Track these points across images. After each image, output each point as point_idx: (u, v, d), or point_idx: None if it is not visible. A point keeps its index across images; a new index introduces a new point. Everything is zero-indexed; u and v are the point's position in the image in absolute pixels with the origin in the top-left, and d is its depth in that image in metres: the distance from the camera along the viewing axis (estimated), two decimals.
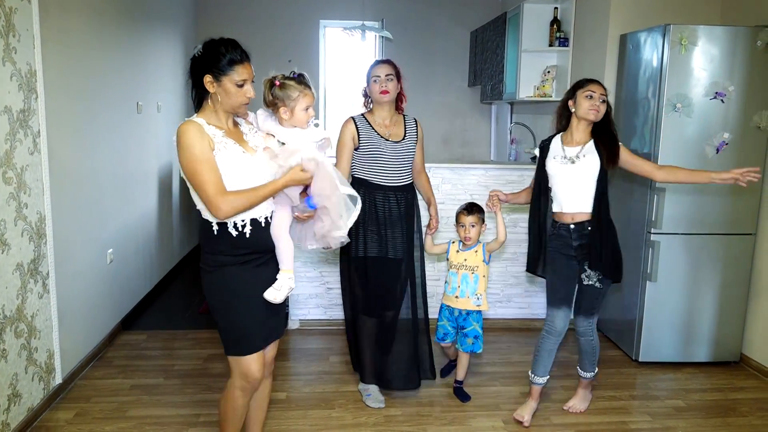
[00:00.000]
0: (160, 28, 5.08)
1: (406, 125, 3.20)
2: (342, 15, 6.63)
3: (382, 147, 3.07)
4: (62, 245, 3.19)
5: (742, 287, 3.73)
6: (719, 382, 3.59)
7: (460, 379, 3.34)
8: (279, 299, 2.25)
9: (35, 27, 2.91)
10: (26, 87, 2.84)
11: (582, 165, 2.90)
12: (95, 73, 3.69)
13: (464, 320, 3.25)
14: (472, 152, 7.01)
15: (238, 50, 2.11)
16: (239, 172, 2.12)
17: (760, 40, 3.48)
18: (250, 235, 2.18)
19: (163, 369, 3.58)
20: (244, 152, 2.15)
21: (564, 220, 2.97)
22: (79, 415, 3.03)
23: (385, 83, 3.06)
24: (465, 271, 3.22)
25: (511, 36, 5.25)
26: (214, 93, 2.13)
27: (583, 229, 2.93)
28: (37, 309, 2.96)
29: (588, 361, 3.15)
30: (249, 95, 2.14)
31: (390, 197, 3.10)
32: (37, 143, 2.95)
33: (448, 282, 3.28)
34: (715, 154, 3.57)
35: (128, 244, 4.25)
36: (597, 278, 2.97)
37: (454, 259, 3.25)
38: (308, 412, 3.12)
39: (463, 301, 3.21)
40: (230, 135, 2.17)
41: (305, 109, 2.24)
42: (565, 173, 2.93)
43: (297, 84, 2.23)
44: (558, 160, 2.96)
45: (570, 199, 2.94)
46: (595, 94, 2.88)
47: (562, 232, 2.98)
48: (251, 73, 2.15)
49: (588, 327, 3.07)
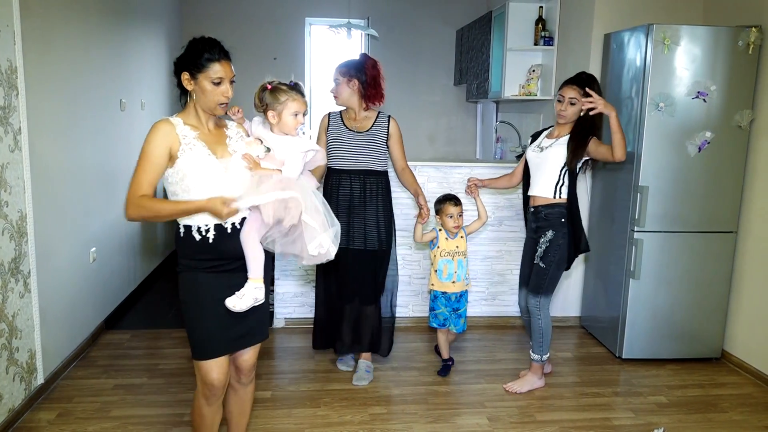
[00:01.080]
0: (145, 24, 5.04)
1: (377, 120, 3.31)
2: (328, 13, 6.62)
3: (342, 135, 3.27)
4: (44, 244, 3.16)
5: (724, 284, 3.78)
6: (701, 378, 3.63)
7: (447, 356, 3.59)
8: (239, 308, 2.15)
9: (16, 23, 2.87)
10: (6, 84, 2.80)
11: (547, 154, 3.16)
12: (78, 69, 3.66)
13: (458, 301, 3.45)
14: (457, 151, 7.02)
15: (215, 48, 2.10)
16: (200, 175, 2.08)
17: (741, 41, 3.52)
18: (213, 241, 2.13)
19: (147, 368, 3.55)
20: (210, 155, 2.10)
21: (532, 202, 3.28)
22: (62, 416, 3.00)
23: (334, 88, 3.30)
24: (459, 257, 3.41)
25: (497, 35, 5.27)
26: (192, 91, 2.12)
27: (538, 212, 3.22)
28: (18, 308, 2.92)
29: (536, 343, 3.32)
30: (226, 94, 2.11)
31: (354, 180, 3.23)
32: (18, 140, 2.91)
33: (441, 270, 3.40)
34: (697, 153, 3.60)
35: (111, 243, 4.22)
36: (540, 257, 3.20)
37: (446, 246, 3.40)
38: (293, 411, 3.11)
39: (459, 285, 3.43)
40: (206, 137, 2.14)
41: (293, 114, 2.20)
42: (535, 160, 3.23)
43: (288, 89, 2.21)
44: (532, 148, 3.28)
45: (535, 184, 3.24)
46: (564, 97, 3.10)
47: (528, 215, 3.34)
48: (229, 72, 2.12)
49: (534, 305, 3.28)
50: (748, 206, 3.69)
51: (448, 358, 3.59)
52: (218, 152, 2.14)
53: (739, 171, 3.67)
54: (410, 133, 6.91)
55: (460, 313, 3.47)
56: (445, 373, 3.54)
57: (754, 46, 3.52)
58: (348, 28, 5.75)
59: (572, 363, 3.82)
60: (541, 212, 3.21)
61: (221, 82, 2.09)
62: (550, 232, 3.18)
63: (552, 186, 3.17)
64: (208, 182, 2.08)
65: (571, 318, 4.43)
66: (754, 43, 3.51)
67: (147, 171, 2.07)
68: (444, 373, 3.53)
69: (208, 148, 2.12)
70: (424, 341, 4.02)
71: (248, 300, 2.17)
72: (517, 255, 4.29)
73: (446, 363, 3.58)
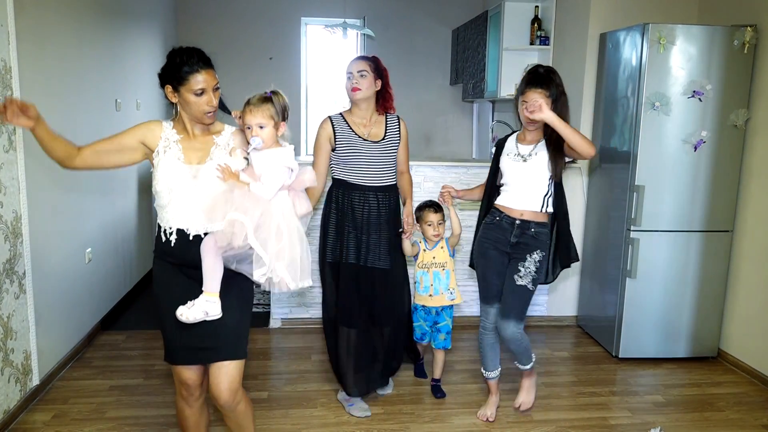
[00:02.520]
0: (140, 24, 5.02)
1: (388, 124, 3.07)
2: (323, 12, 6.60)
3: (359, 147, 2.95)
4: (39, 244, 3.14)
5: (720, 284, 3.79)
6: (697, 377, 3.64)
7: (437, 377, 3.35)
8: (185, 318, 2.06)
9: (10, 22, 2.85)
10: (1, 83, 2.78)
11: (533, 163, 2.83)
12: (73, 69, 3.64)
13: (438, 315, 3.24)
14: (453, 150, 7.02)
15: (194, 58, 2.04)
16: (167, 179, 2.08)
17: (736, 40, 3.53)
18: (174, 245, 2.12)
19: (143, 369, 3.54)
20: (179, 160, 2.10)
21: (511, 214, 2.89)
22: (57, 417, 2.99)
23: (357, 80, 2.95)
24: (436, 268, 3.19)
25: (493, 34, 5.27)
26: (177, 103, 2.12)
27: (527, 228, 2.86)
28: (13, 309, 2.91)
29: (524, 357, 3.04)
30: (210, 104, 2.07)
31: (369, 197, 2.97)
32: (12, 141, 2.90)
33: (419, 282, 3.21)
34: (693, 152, 3.61)
35: (107, 243, 4.20)
36: (530, 280, 2.87)
37: (423, 258, 3.20)
38: (290, 411, 3.11)
39: (438, 299, 3.19)
40: (187, 142, 2.13)
41: (247, 127, 2.10)
42: (518, 171, 2.87)
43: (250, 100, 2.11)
44: (511, 157, 2.90)
45: (521, 195, 2.88)
46: (527, 102, 2.72)
47: (504, 225, 2.90)
48: (211, 80, 2.07)
49: (517, 333, 2.92)
50: (744, 205, 3.70)
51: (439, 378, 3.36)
52: (194, 158, 2.12)
53: (735, 170, 3.68)
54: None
55: (440, 327, 3.25)
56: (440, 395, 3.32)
57: (750, 45, 3.52)
58: (344, 27, 5.75)
59: (569, 362, 3.82)
60: (531, 229, 2.85)
61: (203, 92, 2.06)
62: (537, 253, 2.86)
63: (540, 198, 2.85)
64: (174, 187, 2.08)
65: (567, 317, 4.43)
66: (749, 42, 3.52)
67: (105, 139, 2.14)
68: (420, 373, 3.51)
69: (183, 153, 2.11)
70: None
71: (197, 312, 2.08)
72: None
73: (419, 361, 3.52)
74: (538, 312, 4.41)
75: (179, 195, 2.09)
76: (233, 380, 2.19)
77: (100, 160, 2.15)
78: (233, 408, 2.23)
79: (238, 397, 2.23)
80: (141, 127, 2.15)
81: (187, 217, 2.09)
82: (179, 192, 2.08)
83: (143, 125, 2.16)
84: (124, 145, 2.13)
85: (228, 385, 2.18)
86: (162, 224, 2.15)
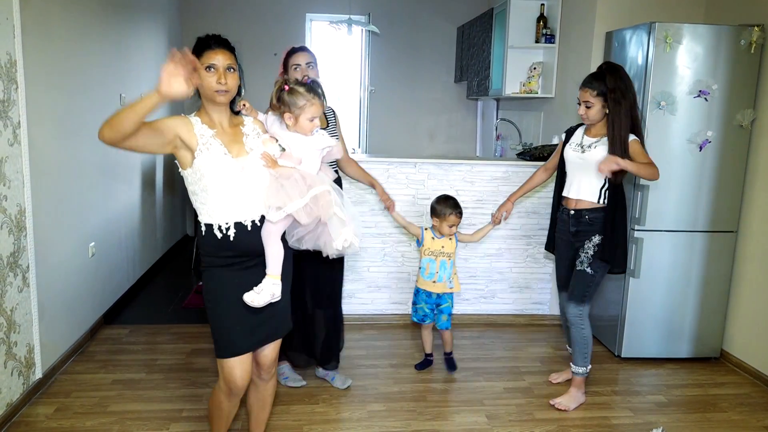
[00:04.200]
0: (144, 19, 5.02)
1: (326, 115, 3.11)
2: (328, 9, 6.60)
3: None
4: (43, 238, 3.15)
5: (724, 284, 3.78)
6: (700, 377, 3.63)
7: (449, 350, 3.56)
8: (257, 303, 2.15)
9: (15, 16, 2.85)
10: (6, 77, 2.79)
11: (590, 155, 2.97)
12: (77, 63, 3.64)
13: (439, 298, 3.42)
14: (457, 148, 7.02)
15: (212, 39, 2.11)
16: (217, 174, 2.07)
17: (743, 39, 3.51)
18: (234, 238, 2.13)
19: (146, 364, 3.55)
20: (226, 154, 2.09)
21: (568, 205, 3.10)
22: (60, 410, 3.00)
23: (306, 71, 2.96)
24: (443, 257, 3.35)
25: (498, 32, 5.26)
26: (198, 86, 2.08)
27: (581, 216, 3.03)
28: (16, 303, 2.92)
29: (579, 353, 3.16)
30: (220, 81, 2.06)
31: None
32: (17, 134, 2.90)
33: (423, 268, 3.38)
34: (698, 152, 3.60)
35: (111, 238, 4.21)
36: (588, 263, 3.03)
37: (431, 246, 3.36)
38: (291, 408, 3.11)
39: (440, 285, 3.38)
40: (222, 135, 2.13)
41: (310, 119, 2.17)
42: (576, 161, 3.04)
43: (306, 91, 2.16)
44: (572, 147, 3.08)
45: (575, 185, 3.05)
46: (579, 102, 2.99)
47: (564, 217, 3.13)
48: (223, 60, 2.08)
49: (578, 315, 3.11)
50: (749, 206, 3.69)
51: (430, 353, 3.60)
52: (234, 151, 2.13)
53: (740, 170, 3.66)
54: (410, 129, 6.96)
55: (442, 309, 3.44)
56: (422, 367, 3.57)
57: (756, 45, 3.51)
58: (349, 24, 5.74)
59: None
60: (584, 216, 3.02)
61: (213, 68, 2.07)
62: (596, 237, 3.01)
63: (596, 190, 3.00)
64: (225, 181, 2.09)
65: None
66: (756, 42, 3.50)
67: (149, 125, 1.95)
68: (420, 367, 3.58)
69: (225, 146, 2.11)
70: None
71: (266, 295, 2.17)
72: (516, 253, 4.30)
73: (427, 358, 3.61)
74: (541, 311, 4.40)
75: (232, 189, 2.10)
76: (277, 352, 2.38)
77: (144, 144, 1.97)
78: (268, 379, 2.41)
79: (275, 368, 2.42)
80: (176, 119, 2.08)
81: (243, 210, 2.12)
82: (232, 186, 2.09)
83: (177, 118, 2.09)
84: (161, 131, 2.00)
85: (274, 356, 2.37)
86: (214, 221, 2.12)
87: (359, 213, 4.08)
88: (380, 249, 4.20)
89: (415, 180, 4.15)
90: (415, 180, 4.15)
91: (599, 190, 2.99)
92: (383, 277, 4.25)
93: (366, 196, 4.09)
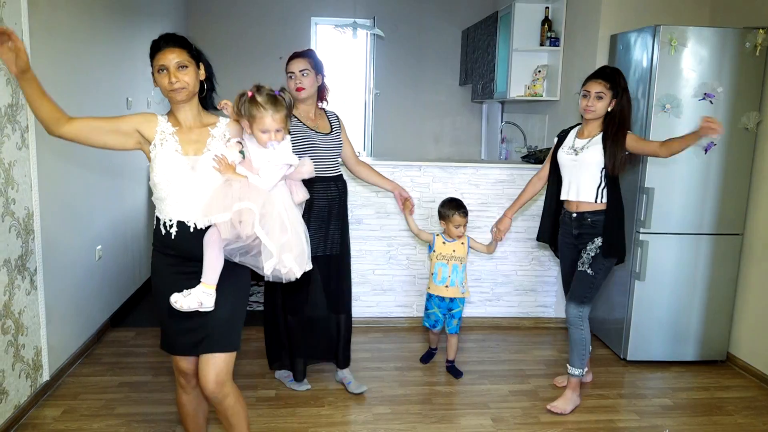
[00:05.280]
0: (151, 23, 5.05)
1: (330, 119, 3.15)
2: (333, 12, 6.62)
3: (315, 139, 3.00)
4: (50, 241, 3.17)
5: (729, 287, 3.77)
6: (706, 380, 3.62)
7: (452, 358, 3.56)
8: (179, 306, 2.08)
9: (24, 20, 2.88)
10: (14, 81, 2.81)
11: (583, 157, 2.99)
12: (84, 67, 3.67)
13: (451, 302, 3.45)
14: (462, 151, 7.02)
15: (161, 39, 2.10)
16: (165, 171, 2.09)
17: (748, 42, 3.51)
18: (175, 237, 2.13)
19: (152, 366, 3.56)
20: (177, 152, 2.11)
21: (569, 208, 3.11)
22: (67, 413, 3.02)
23: (300, 79, 2.98)
24: (455, 261, 3.38)
25: (503, 35, 5.27)
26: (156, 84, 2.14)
27: (583, 219, 3.04)
28: (24, 305, 2.94)
29: (576, 355, 3.16)
30: (171, 80, 2.06)
31: (331, 187, 3.05)
32: (25, 138, 2.92)
33: (435, 273, 3.40)
34: (703, 155, 3.59)
35: (117, 241, 4.23)
36: (589, 264, 3.04)
37: (442, 250, 3.40)
38: (297, 410, 3.12)
39: (453, 290, 3.40)
40: (183, 134, 2.14)
41: (262, 130, 2.08)
42: (570, 163, 3.05)
43: (264, 102, 2.07)
44: (565, 150, 3.09)
45: (574, 188, 3.05)
46: (590, 92, 2.94)
47: (566, 219, 3.14)
48: (175, 58, 2.06)
49: (577, 316, 3.11)
50: (755, 209, 3.68)
51: (435, 347, 3.70)
52: (191, 150, 2.13)
53: (745, 173, 3.66)
54: (414, 132, 6.97)
55: (454, 313, 3.46)
56: (426, 359, 3.67)
57: (762, 47, 3.50)
58: (353, 27, 5.76)
59: None
60: (587, 219, 3.04)
61: (164, 69, 2.07)
62: (598, 239, 3.02)
63: (593, 190, 3.01)
64: (171, 178, 2.09)
65: None
66: (761, 44, 3.50)
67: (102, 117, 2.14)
68: (425, 360, 3.67)
69: (180, 144, 2.12)
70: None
71: (192, 301, 2.09)
72: (521, 256, 4.30)
73: (431, 350, 3.71)
74: (546, 314, 4.40)
75: (178, 187, 2.10)
76: (220, 371, 2.19)
77: (89, 135, 2.09)
78: (220, 400, 2.22)
79: (225, 390, 2.21)
80: (138, 116, 2.17)
81: (187, 210, 2.11)
82: (178, 184, 2.10)
83: (141, 114, 2.18)
84: (120, 128, 2.12)
85: (215, 377, 2.18)
86: (161, 217, 2.15)
87: (364, 216, 4.10)
88: (385, 252, 4.21)
89: (420, 183, 4.15)
90: (420, 183, 4.15)
91: (596, 189, 3.00)
92: (388, 279, 4.26)
93: (372, 198, 4.10)
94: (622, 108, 2.95)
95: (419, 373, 3.56)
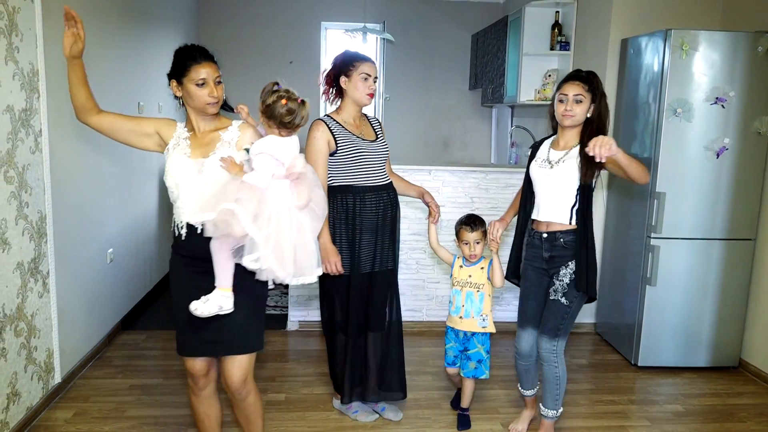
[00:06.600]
0: (162, 28, 5.08)
1: (372, 125, 2.98)
2: (343, 17, 6.64)
3: (364, 147, 2.81)
4: (62, 244, 3.19)
5: (742, 292, 3.74)
6: (718, 387, 3.59)
7: (465, 406, 3.07)
8: (200, 313, 2.11)
9: (38, 26, 2.91)
10: (28, 86, 2.84)
11: (559, 171, 2.63)
12: (97, 72, 3.68)
13: (468, 341, 2.95)
14: (472, 155, 7.01)
15: (197, 52, 2.15)
16: (175, 174, 2.17)
17: (760, 46, 3.49)
18: (185, 239, 2.19)
19: (163, 369, 3.58)
20: (185, 155, 2.19)
21: (539, 228, 2.74)
22: (78, 415, 3.03)
23: (373, 85, 2.82)
24: (469, 288, 2.90)
25: (513, 39, 5.26)
26: (182, 97, 2.20)
27: (555, 239, 2.67)
28: (37, 308, 2.96)
29: (550, 395, 2.80)
30: (212, 94, 2.15)
31: (383, 196, 2.85)
32: (38, 142, 2.95)
33: (451, 302, 2.97)
34: (715, 159, 3.57)
35: (128, 244, 4.25)
36: (563, 293, 2.68)
37: (458, 275, 2.94)
38: (307, 414, 3.12)
39: (468, 322, 2.90)
40: (195, 139, 2.22)
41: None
42: (544, 178, 2.69)
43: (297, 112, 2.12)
44: (539, 162, 2.73)
45: (546, 206, 2.69)
46: (567, 96, 2.59)
47: (535, 241, 2.76)
48: (212, 72, 2.15)
49: (551, 351, 2.72)
50: (767, 214, 3.65)
51: (466, 408, 3.07)
52: (200, 154, 2.19)
53: (757, 178, 3.63)
54: (424, 137, 6.97)
55: (469, 354, 2.94)
56: (456, 405, 3.14)
57: None
58: (364, 32, 5.77)
59: (587, 370, 3.79)
60: (559, 239, 2.66)
61: (204, 83, 2.14)
62: (572, 263, 2.65)
63: (568, 209, 2.63)
64: (180, 181, 2.17)
65: (586, 324, 4.40)
66: None
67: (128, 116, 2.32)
68: (455, 405, 3.17)
69: (190, 148, 2.20)
70: (438, 346, 3.99)
71: (212, 306, 2.12)
72: None
73: (458, 390, 3.18)
74: None
75: (186, 189, 2.16)
76: (244, 370, 2.28)
77: (114, 130, 2.26)
78: (244, 397, 2.32)
79: (248, 387, 2.32)
80: (161, 120, 2.30)
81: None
82: (186, 186, 2.16)
83: (163, 119, 2.31)
84: (142, 128, 2.27)
85: (239, 375, 2.27)
86: (175, 218, 2.23)
87: None
88: None
89: (429, 187, 4.12)
90: (429, 187, 4.12)
91: (570, 209, 2.63)
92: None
93: None
94: (600, 113, 2.61)
95: (428, 378, 3.56)
